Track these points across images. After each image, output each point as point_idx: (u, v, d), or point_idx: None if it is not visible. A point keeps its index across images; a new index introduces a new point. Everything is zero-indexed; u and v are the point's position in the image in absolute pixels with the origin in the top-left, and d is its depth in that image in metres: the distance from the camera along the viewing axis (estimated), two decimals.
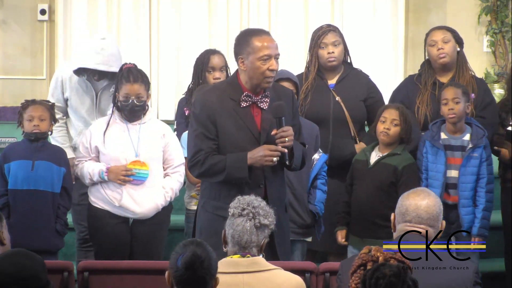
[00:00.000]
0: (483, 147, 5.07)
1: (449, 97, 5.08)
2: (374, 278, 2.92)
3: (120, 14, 7.94)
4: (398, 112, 5.09)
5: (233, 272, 3.44)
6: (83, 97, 5.40)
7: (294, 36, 7.94)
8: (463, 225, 5.04)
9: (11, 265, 3.01)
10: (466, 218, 5.05)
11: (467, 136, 5.11)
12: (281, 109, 4.23)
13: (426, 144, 5.13)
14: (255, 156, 4.19)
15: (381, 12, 7.98)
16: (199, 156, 4.26)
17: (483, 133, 5.08)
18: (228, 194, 4.21)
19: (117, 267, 4.41)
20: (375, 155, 5.14)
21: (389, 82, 7.11)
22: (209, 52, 5.45)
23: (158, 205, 4.99)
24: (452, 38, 5.40)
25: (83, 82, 5.38)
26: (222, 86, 4.40)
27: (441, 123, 5.16)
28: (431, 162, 5.11)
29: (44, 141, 5.05)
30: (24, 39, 8.02)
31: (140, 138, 4.99)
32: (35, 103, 5.08)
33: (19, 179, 4.96)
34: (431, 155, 5.11)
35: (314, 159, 5.06)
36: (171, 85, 7.90)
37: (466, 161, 5.05)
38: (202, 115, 4.28)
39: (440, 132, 5.13)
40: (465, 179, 5.06)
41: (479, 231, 5.03)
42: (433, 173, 5.09)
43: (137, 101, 4.96)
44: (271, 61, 4.23)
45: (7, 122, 6.84)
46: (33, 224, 4.94)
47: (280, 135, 4.20)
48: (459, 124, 5.11)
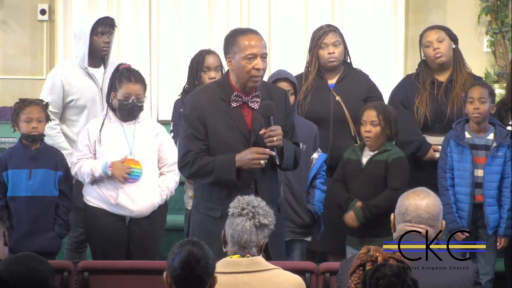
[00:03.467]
0: (507, 146, 5.08)
1: (475, 96, 5.08)
2: (374, 278, 2.92)
3: (120, 14, 7.94)
4: (376, 111, 5.08)
5: (233, 272, 3.44)
6: (89, 93, 5.37)
7: (294, 36, 7.94)
8: (489, 224, 5.06)
9: (22, 266, 3.05)
10: (491, 217, 5.06)
11: (490, 135, 5.12)
12: (269, 109, 4.22)
13: (450, 143, 5.12)
14: (243, 159, 4.19)
15: (381, 12, 7.98)
16: (189, 157, 4.27)
17: (507, 132, 5.10)
18: (219, 195, 4.24)
19: (117, 267, 4.42)
20: (367, 153, 5.14)
21: (389, 82, 7.10)
22: (204, 52, 5.45)
23: (154, 204, 4.99)
24: (446, 36, 5.41)
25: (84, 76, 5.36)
26: (213, 86, 4.40)
27: (464, 122, 5.16)
28: (456, 161, 5.10)
29: (38, 148, 5.02)
30: (24, 39, 8.03)
31: (135, 137, 5.00)
32: (32, 104, 5.05)
33: (17, 188, 4.98)
34: (456, 154, 5.10)
35: (313, 158, 5.06)
36: (171, 85, 7.90)
37: (491, 160, 5.06)
38: (191, 115, 4.28)
39: (464, 132, 5.12)
40: (490, 178, 5.07)
41: (505, 231, 5.07)
42: (460, 172, 5.09)
43: (137, 101, 4.97)
44: (257, 60, 4.21)
45: (7, 122, 6.84)
46: (33, 228, 4.96)
47: (268, 134, 4.19)
48: (483, 124, 5.12)
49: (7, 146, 6.62)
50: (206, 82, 5.28)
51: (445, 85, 5.40)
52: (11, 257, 3.16)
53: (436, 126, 5.38)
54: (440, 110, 5.36)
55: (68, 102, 5.38)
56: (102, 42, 5.35)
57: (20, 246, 4.75)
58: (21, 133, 5.07)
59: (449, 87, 5.40)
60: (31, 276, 3.03)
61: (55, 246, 5.04)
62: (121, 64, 5.09)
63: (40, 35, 8.02)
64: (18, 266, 3.04)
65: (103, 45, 5.36)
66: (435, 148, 5.31)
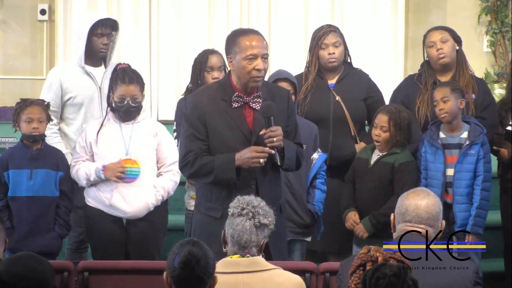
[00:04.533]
0: (481, 144, 5.05)
1: (438, 98, 5.09)
2: (374, 278, 2.92)
3: (120, 14, 7.95)
4: (387, 117, 5.06)
5: (233, 272, 3.44)
6: (87, 90, 5.37)
7: (294, 36, 7.95)
8: (456, 222, 5.03)
9: (21, 266, 3.05)
10: (459, 215, 5.03)
11: (464, 133, 5.11)
12: (270, 109, 4.22)
13: (424, 144, 5.13)
14: (242, 157, 4.18)
15: (381, 12, 7.99)
16: (189, 157, 4.26)
17: (481, 130, 5.07)
18: (220, 195, 4.23)
19: (117, 267, 4.42)
20: (376, 154, 5.15)
21: (389, 82, 7.12)
22: (207, 52, 5.45)
23: (148, 205, 4.98)
24: (450, 37, 5.40)
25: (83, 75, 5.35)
26: (214, 86, 4.40)
27: (439, 122, 5.16)
28: (430, 162, 5.11)
29: (40, 148, 5.03)
30: (24, 39, 8.04)
31: (132, 137, 5.00)
32: (33, 104, 5.05)
33: (18, 188, 4.98)
34: (430, 154, 5.11)
35: (313, 158, 5.06)
36: (171, 85, 7.91)
37: (462, 157, 5.05)
38: (192, 116, 4.28)
39: (439, 132, 5.13)
40: (460, 175, 5.04)
41: (472, 229, 5.01)
42: (433, 173, 5.09)
43: (132, 102, 4.96)
44: (257, 61, 4.20)
45: (7, 122, 6.85)
46: (33, 228, 4.96)
47: (268, 135, 4.18)
48: (455, 122, 5.11)
49: (7, 146, 6.62)
50: (210, 82, 5.27)
51: None
52: (10, 258, 3.16)
53: None
54: None
55: (66, 100, 5.37)
56: (100, 44, 5.33)
57: (20, 246, 4.75)
58: (22, 133, 5.07)
59: None
60: (31, 276, 3.03)
61: (55, 247, 5.03)
62: (119, 64, 5.09)
63: (40, 35, 8.03)
64: (18, 266, 3.04)
65: (101, 47, 5.34)
66: None
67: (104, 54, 5.37)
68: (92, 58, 5.38)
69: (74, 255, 5.36)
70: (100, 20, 5.34)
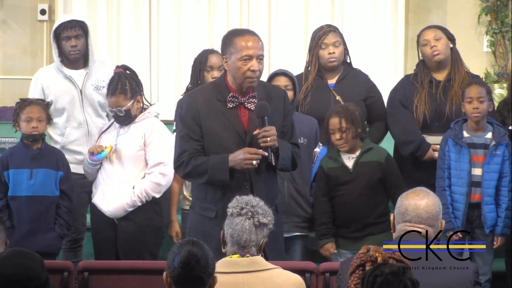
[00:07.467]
0: (505, 145, 5.08)
1: (474, 96, 5.07)
2: (372, 275, 2.92)
3: (120, 14, 7.95)
4: (338, 118, 4.99)
5: (233, 272, 3.44)
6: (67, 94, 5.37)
7: (294, 36, 7.95)
8: (486, 223, 5.05)
9: (10, 266, 3.02)
10: (489, 216, 5.05)
11: (489, 134, 5.12)
12: (264, 109, 4.21)
13: (448, 143, 5.11)
14: (235, 159, 4.18)
15: (381, 12, 7.99)
16: (183, 157, 4.27)
17: (505, 131, 5.10)
18: (214, 196, 4.24)
19: (117, 267, 4.43)
20: (349, 157, 5.04)
21: (389, 82, 7.10)
22: (207, 51, 5.45)
23: (124, 205, 4.97)
24: (443, 35, 5.41)
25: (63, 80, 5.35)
26: (210, 87, 4.40)
27: (462, 121, 5.16)
28: (454, 161, 5.10)
29: (40, 148, 5.04)
30: (24, 39, 8.03)
31: (123, 136, 5.05)
32: (32, 103, 5.06)
33: (18, 187, 5.00)
34: (454, 153, 5.10)
35: (315, 152, 5.08)
36: (171, 85, 7.91)
37: (490, 158, 5.05)
38: (187, 116, 4.28)
39: (463, 131, 5.13)
40: (488, 176, 5.06)
41: (502, 230, 5.06)
42: (457, 172, 5.08)
43: (118, 112, 5.01)
44: (252, 62, 4.20)
45: (7, 122, 6.85)
46: (34, 228, 4.97)
47: (262, 134, 4.18)
48: (482, 123, 5.11)
49: (7, 146, 6.62)
50: (209, 81, 5.29)
51: (443, 84, 5.40)
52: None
53: (435, 124, 5.37)
54: (439, 108, 5.36)
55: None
56: (69, 47, 5.30)
57: (20, 246, 4.72)
58: (22, 133, 5.07)
59: (447, 85, 5.40)
60: (20, 273, 3.00)
61: (55, 246, 5.04)
62: (116, 67, 5.16)
63: (40, 35, 8.03)
64: (5, 267, 3.01)
65: (70, 49, 5.31)
66: (434, 147, 5.30)
67: (76, 56, 5.34)
68: (71, 61, 5.38)
69: (68, 254, 5.37)
70: (62, 23, 5.32)
